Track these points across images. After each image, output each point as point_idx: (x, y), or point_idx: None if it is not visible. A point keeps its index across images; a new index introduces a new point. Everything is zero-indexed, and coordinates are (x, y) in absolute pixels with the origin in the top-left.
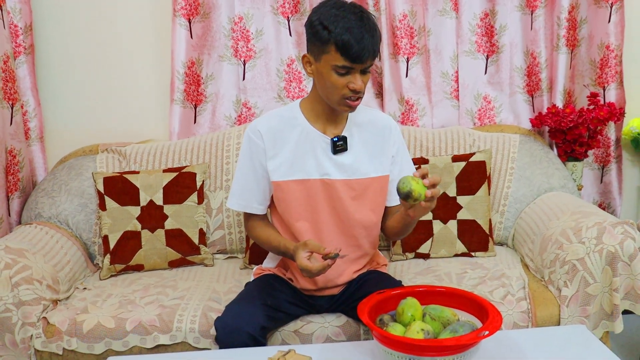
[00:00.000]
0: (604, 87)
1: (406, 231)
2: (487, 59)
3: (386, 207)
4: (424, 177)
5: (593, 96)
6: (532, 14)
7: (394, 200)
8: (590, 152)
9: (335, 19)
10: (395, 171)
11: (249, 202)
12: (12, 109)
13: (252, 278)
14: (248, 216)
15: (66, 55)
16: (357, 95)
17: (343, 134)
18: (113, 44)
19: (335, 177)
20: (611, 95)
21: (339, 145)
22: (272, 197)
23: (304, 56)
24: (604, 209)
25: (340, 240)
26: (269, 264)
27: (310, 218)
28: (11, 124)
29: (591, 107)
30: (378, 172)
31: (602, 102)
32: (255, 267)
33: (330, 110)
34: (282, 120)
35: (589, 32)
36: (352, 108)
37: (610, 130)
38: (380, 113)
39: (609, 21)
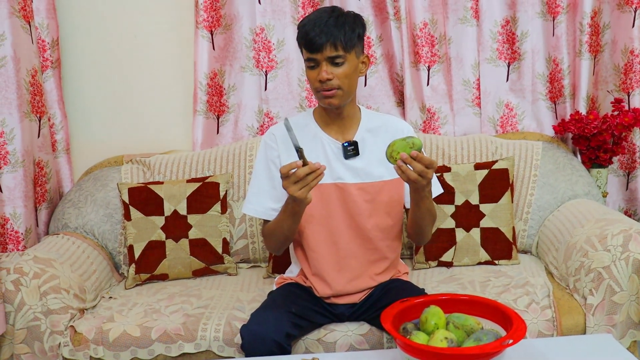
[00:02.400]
0: (629, 92)
1: (422, 226)
2: (508, 66)
3: (407, 210)
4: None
5: (617, 102)
6: (553, 20)
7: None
8: (615, 159)
9: (303, 20)
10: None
11: (265, 207)
12: (39, 121)
13: (274, 287)
14: (264, 223)
15: (91, 69)
16: (328, 86)
17: (355, 138)
18: (137, 57)
19: (349, 181)
20: (636, 101)
21: (350, 150)
22: None
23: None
24: (630, 216)
25: (356, 243)
26: (291, 272)
27: (325, 222)
28: (39, 136)
29: (615, 113)
30: (392, 175)
31: (626, 107)
32: (277, 277)
33: (335, 114)
34: (296, 127)
35: (612, 37)
36: (330, 100)
37: (636, 136)
38: (393, 117)
39: (633, 26)
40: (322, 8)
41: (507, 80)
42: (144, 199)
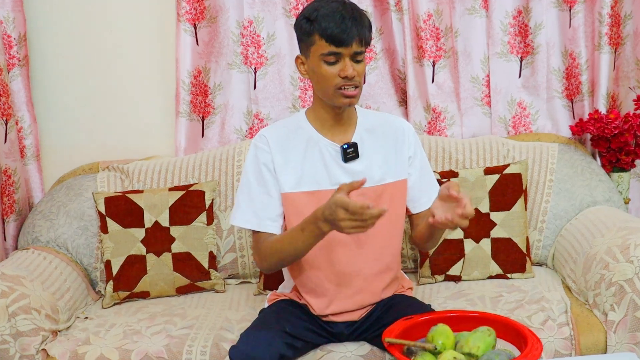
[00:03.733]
0: None
1: (437, 239)
2: (521, 61)
3: (411, 215)
4: (450, 198)
5: None
6: (570, 11)
7: (421, 206)
8: (638, 162)
9: (316, 9)
10: (415, 175)
11: (260, 218)
12: (6, 125)
13: (266, 305)
14: (257, 237)
15: (63, 67)
16: (352, 83)
17: (353, 140)
18: (113, 53)
19: None
20: None
21: (350, 153)
22: None
23: (297, 58)
24: None
25: (357, 253)
26: (285, 288)
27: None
28: (5, 141)
29: (638, 111)
30: (394, 177)
31: None
32: (269, 293)
33: (336, 115)
34: (288, 130)
35: (635, 29)
36: (350, 100)
37: None
38: (391, 116)
39: None
40: (331, 0)
41: (520, 76)
42: (122, 209)
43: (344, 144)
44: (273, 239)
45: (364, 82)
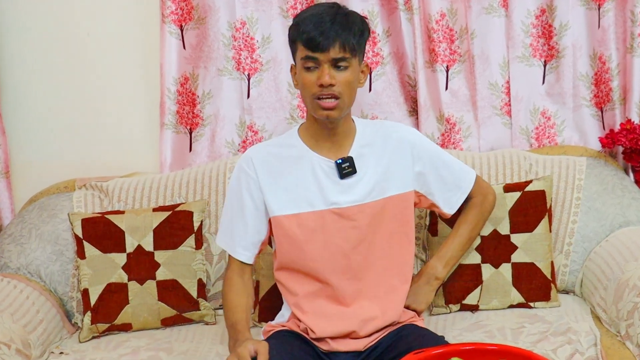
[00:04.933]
0: None
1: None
2: (544, 66)
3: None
4: None
5: None
6: (599, 9)
7: (456, 203)
8: None
9: (301, 14)
10: (435, 186)
11: (234, 243)
12: None
13: (261, 338)
14: (230, 262)
15: (35, 75)
16: (329, 92)
17: (349, 154)
18: (90, 59)
19: (346, 205)
20: None
21: (346, 168)
22: (270, 241)
23: (291, 67)
24: None
25: (360, 276)
26: (282, 317)
27: (320, 257)
28: None
29: None
30: (398, 190)
31: None
32: (265, 325)
33: (329, 129)
34: (278, 148)
35: None
36: (328, 113)
37: None
38: (392, 124)
39: None
40: (322, 3)
41: (543, 82)
42: (100, 232)
43: (338, 159)
44: (235, 295)
45: (370, 90)
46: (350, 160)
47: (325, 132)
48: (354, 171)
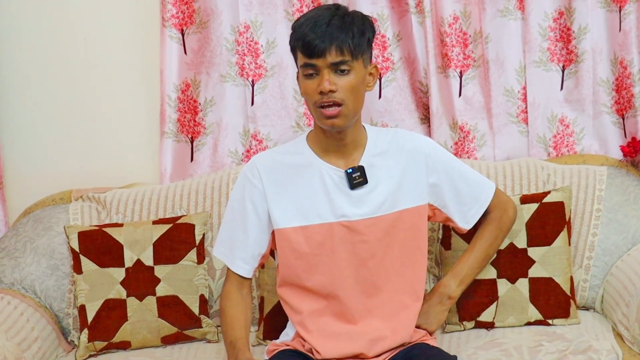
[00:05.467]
0: None
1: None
2: (563, 71)
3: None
4: None
5: None
6: (620, 12)
7: (473, 218)
8: None
9: (299, 19)
10: (450, 199)
11: (233, 255)
12: None
13: (265, 357)
14: (228, 275)
15: (30, 81)
16: (329, 99)
17: (360, 164)
18: (88, 65)
19: (356, 218)
20: None
21: (356, 178)
22: (273, 254)
23: (297, 74)
24: None
25: (369, 293)
26: (286, 336)
27: (328, 272)
28: None
29: None
30: (410, 203)
31: None
32: (269, 344)
33: (338, 137)
34: (285, 156)
35: None
36: (332, 121)
37: None
38: (405, 133)
39: None
40: (322, 6)
41: (562, 88)
42: (98, 246)
43: (349, 169)
44: (233, 310)
45: (379, 96)
46: (361, 169)
47: (334, 140)
48: (365, 181)
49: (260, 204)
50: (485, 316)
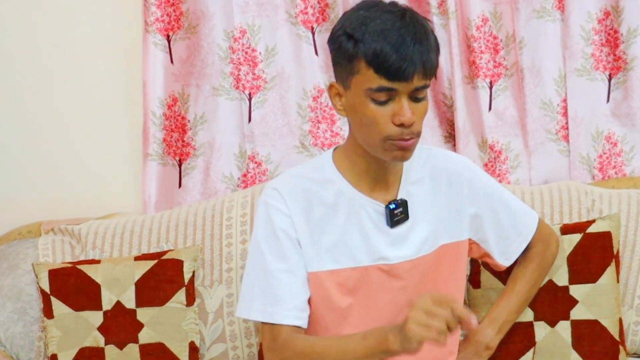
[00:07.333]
0: None
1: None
2: (609, 80)
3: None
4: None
5: None
6: None
7: (514, 253)
8: None
9: (364, 23)
10: (491, 232)
11: (279, 305)
12: None
13: None
14: (277, 332)
15: None
16: (409, 132)
17: (400, 196)
18: (59, 77)
19: (396, 261)
20: None
21: (398, 215)
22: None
23: (330, 86)
24: None
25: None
26: None
27: (363, 321)
28: None
29: None
30: (450, 238)
31: None
32: None
33: (381, 166)
34: (309, 182)
35: None
36: (403, 154)
37: None
38: (438, 153)
39: None
40: (382, 6)
41: (608, 100)
42: (72, 286)
43: (390, 203)
44: (310, 341)
45: None
46: (404, 204)
47: (375, 169)
48: (407, 217)
49: (292, 232)
50: None
